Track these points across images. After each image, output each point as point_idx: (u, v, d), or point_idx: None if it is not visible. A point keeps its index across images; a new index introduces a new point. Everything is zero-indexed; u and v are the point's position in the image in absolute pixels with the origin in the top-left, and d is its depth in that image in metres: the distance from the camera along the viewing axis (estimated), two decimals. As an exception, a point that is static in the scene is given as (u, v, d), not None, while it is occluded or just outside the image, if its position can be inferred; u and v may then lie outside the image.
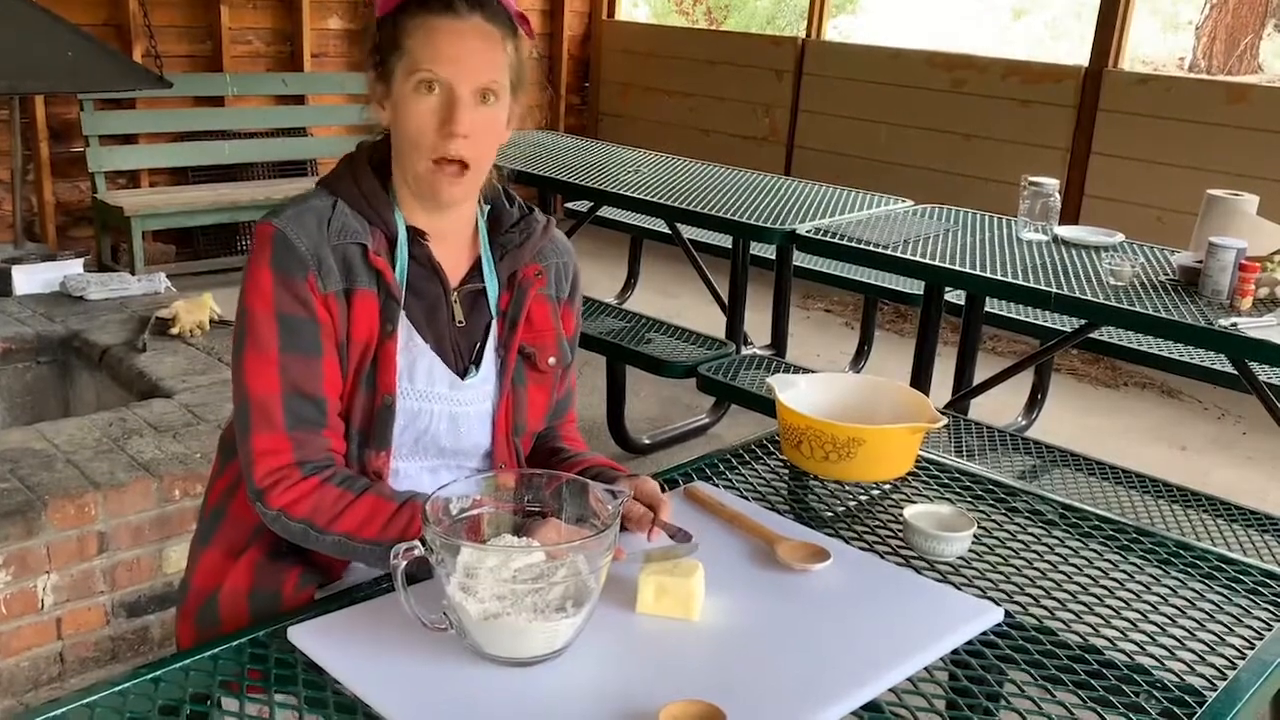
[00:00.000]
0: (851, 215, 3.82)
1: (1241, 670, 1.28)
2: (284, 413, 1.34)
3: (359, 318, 1.37)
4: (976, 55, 5.96)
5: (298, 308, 1.34)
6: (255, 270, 1.36)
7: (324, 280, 1.35)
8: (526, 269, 1.48)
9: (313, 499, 1.34)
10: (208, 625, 1.47)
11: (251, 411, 1.35)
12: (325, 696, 1.14)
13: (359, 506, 1.34)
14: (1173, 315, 2.73)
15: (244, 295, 1.37)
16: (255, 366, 1.35)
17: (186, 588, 1.53)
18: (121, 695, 1.13)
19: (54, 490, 2.40)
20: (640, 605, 1.29)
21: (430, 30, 1.33)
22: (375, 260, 1.38)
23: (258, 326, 1.35)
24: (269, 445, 1.35)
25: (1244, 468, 4.11)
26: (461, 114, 1.33)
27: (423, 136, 1.34)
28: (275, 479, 1.34)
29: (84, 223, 5.53)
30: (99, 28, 5.17)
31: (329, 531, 1.34)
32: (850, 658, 1.23)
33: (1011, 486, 1.77)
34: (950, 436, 3.13)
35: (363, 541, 1.34)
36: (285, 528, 1.36)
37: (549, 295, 1.52)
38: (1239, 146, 4.92)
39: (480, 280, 1.47)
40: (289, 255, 1.34)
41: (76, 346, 3.32)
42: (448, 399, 1.43)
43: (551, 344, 1.52)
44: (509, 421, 1.49)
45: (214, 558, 1.49)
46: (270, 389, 1.34)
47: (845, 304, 5.75)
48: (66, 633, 2.47)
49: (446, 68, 1.32)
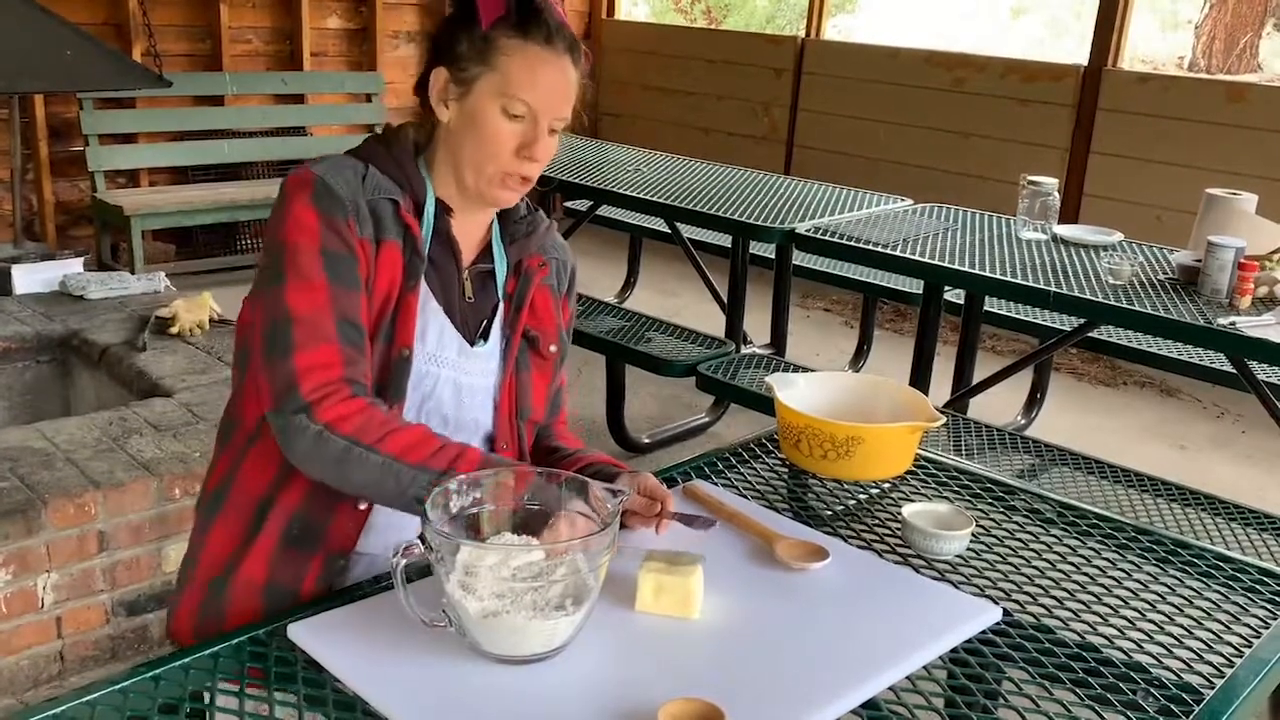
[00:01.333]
0: (851, 214, 3.82)
1: (1239, 668, 1.29)
2: (336, 331, 1.34)
3: (384, 268, 1.40)
4: (976, 54, 5.96)
5: (340, 244, 1.37)
6: (296, 208, 1.37)
7: (360, 225, 1.39)
8: (532, 259, 1.54)
9: (362, 417, 1.32)
10: (211, 615, 1.46)
11: (295, 329, 1.33)
12: (325, 694, 1.14)
13: (407, 432, 1.34)
14: (1172, 314, 2.73)
15: (281, 231, 1.37)
16: (300, 293, 1.34)
17: (187, 578, 1.51)
18: (121, 694, 1.13)
19: (54, 489, 2.40)
20: (639, 603, 1.29)
21: (530, 60, 1.39)
22: (405, 216, 1.42)
23: (300, 258, 1.35)
24: (319, 359, 1.33)
25: (1242, 466, 4.11)
26: (540, 143, 1.41)
27: (500, 154, 1.41)
28: (326, 392, 1.32)
29: (84, 222, 5.53)
30: (98, 27, 5.17)
31: (375, 449, 1.31)
32: (849, 656, 1.23)
33: (1010, 485, 1.77)
34: (949, 435, 3.14)
35: (410, 466, 1.31)
36: (322, 447, 1.31)
37: (551, 286, 1.57)
38: (1238, 146, 4.92)
39: (490, 262, 1.52)
40: (330, 197, 1.38)
41: (76, 345, 3.32)
42: (455, 365, 1.47)
43: (553, 332, 1.57)
44: (512, 402, 1.52)
45: (220, 541, 1.47)
46: (320, 309, 1.34)
47: (845, 303, 5.75)
48: (66, 631, 2.48)
49: (538, 100, 1.39)
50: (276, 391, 1.33)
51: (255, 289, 1.40)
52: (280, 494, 1.43)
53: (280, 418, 1.33)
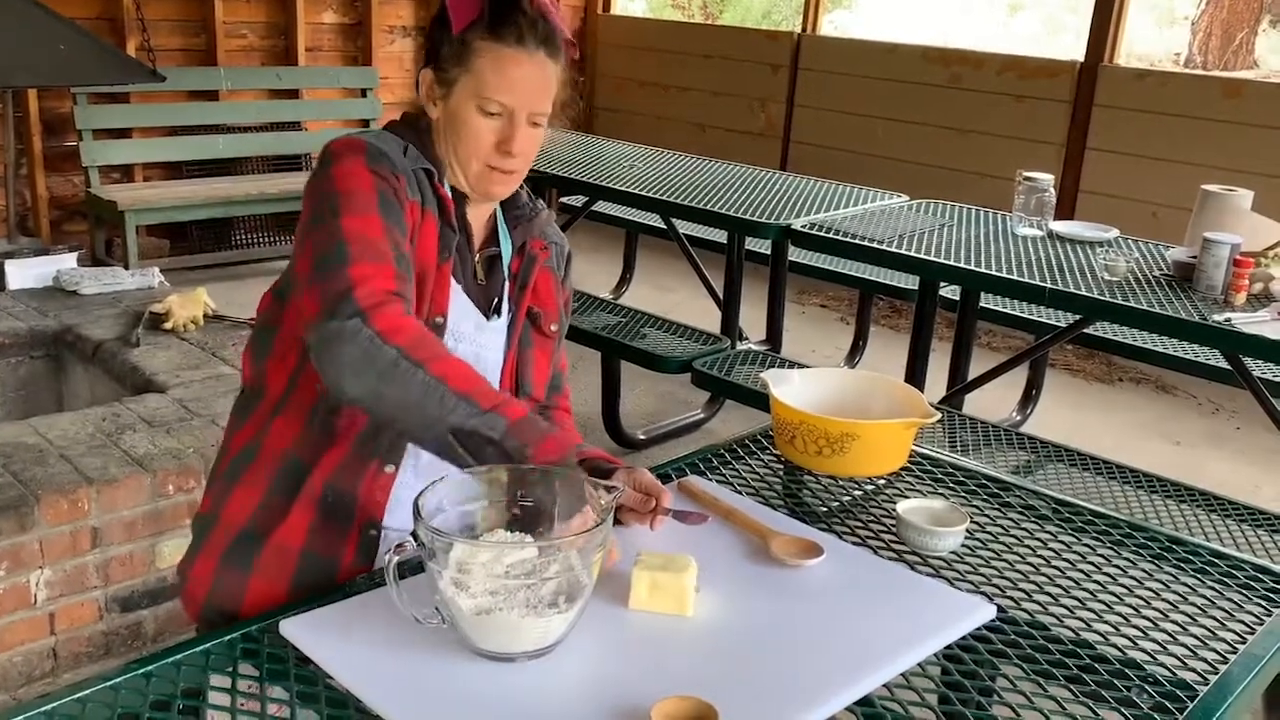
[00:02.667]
0: (847, 210, 3.81)
1: (1233, 665, 1.29)
2: (388, 250, 1.35)
3: (425, 236, 1.45)
4: (972, 50, 5.96)
5: (390, 191, 1.40)
6: (347, 165, 1.39)
7: (410, 188, 1.43)
8: (535, 241, 1.60)
9: (416, 332, 1.32)
10: (239, 568, 1.46)
11: (351, 246, 1.33)
12: (317, 691, 1.14)
13: (459, 362, 1.34)
14: (1167, 310, 2.73)
15: (333, 182, 1.38)
16: (356, 220, 1.35)
17: (213, 523, 1.50)
18: (113, 690, 1.13)
19: (47, 485, 2.40)
20: (633, 601, 1.29)
21: (501, 61, 1.43)
22: (440, 189, 1.47)
23: (355, 197, 1.37)
24: (372, 271, 1.32)
25: (1237, 463, 4.12)
26: (518, 138, 1.46)
27: (480, 149, 1.46)
28: (380, 299, 1.30)
29: (77, 217, 5.51)
30: (92, 21, 5.16)
31: (422, 368, 1.28)
32: (843, 653, 1.23)
33: (1005, 482, 1.77)
34: (944, 432, 3.14)
35: (456, 392, 1.29)
36: (372, 354, 1.27)
37: (552, 268, 1.63)
38: (1234, 142, 4.92)
39: (497, 246, 1.57)
40: (382, 157, 1.41)
41: (70, 341, 3.31)
42: (472, 339, 1.51)
43: (554, 312, 1.63)
44: (514, 377, 1.57)
45: (242, 505, 1.47)
46: (374, 233, 1.35)
47: (841, 299, 5.75)
48: (59, 628, 2.47)
49: (510, 97, 1.44)
50: (328, 300, 1.30)
51: (301, 238, 1.38)
52: (312, 459, 1.44)
53: (331, 323, 1.28)
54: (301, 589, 1.42)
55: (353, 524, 1.46)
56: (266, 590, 1.44)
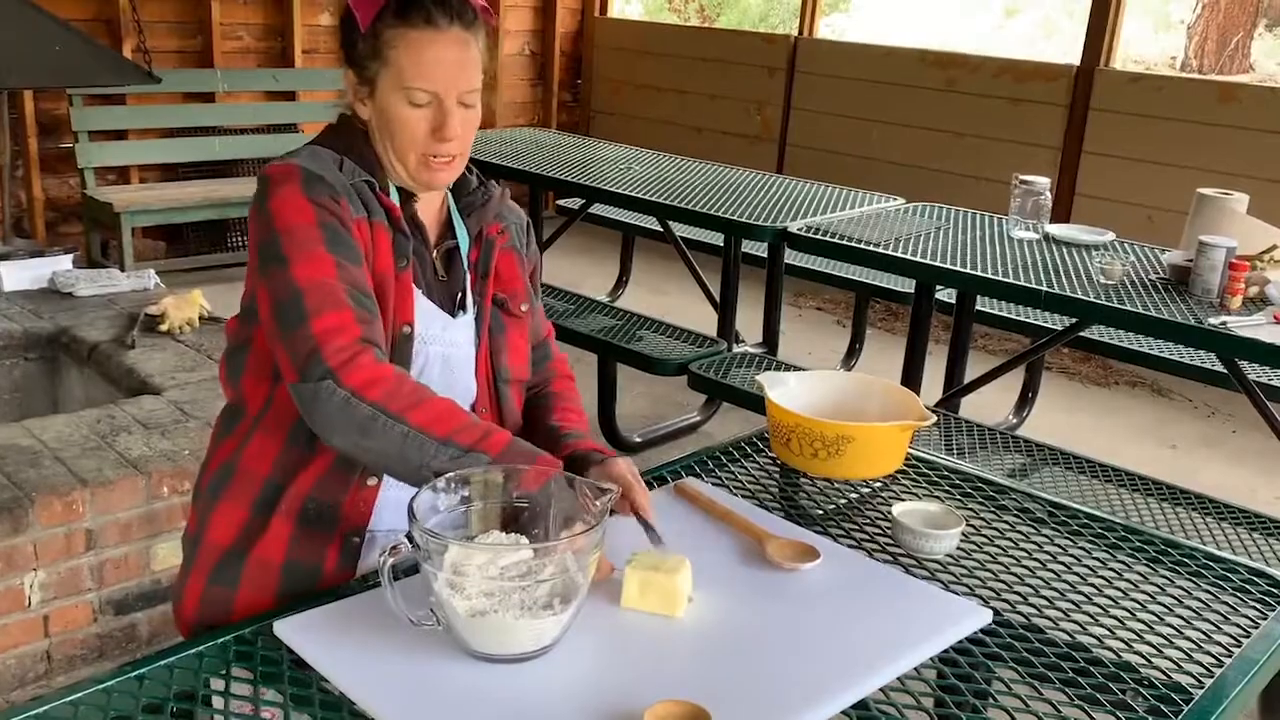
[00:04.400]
0: (843, 213, 3.82)
1: (1228, 668, 1.29)
2: (347, 296, 1.33)
3: (380, 248, 1.42)
4: (968, 54, 5.96)
5: (334, 219, 1.37)
6: (285, 196, 1.37)
7: (354, 206, 1.40)
8: (491, 226, 1.56)
9: (389, 385, 1.30)
10: (225, 584, 1.45)
11: (307, 299, 1.31)
12: (311, 694, 1.13)
13: (435, 403, 1.33)
14: (1163, 314, 2.73)
15: (273, 220, 1.36)
16: (304, 266, 1.33)
17: (198, 542, 1.49)
18: (106, 693, 1.12)
19: (41, 487, 2.39)
20: (625, 600, 1.29)
21: (413, 45, 1.39)
22: (383, 198, 1.44)
23: (299, 235, 1.34)
24: (334, 323, 1.31)
25: (1233, 466, 4.12)
26: (451, 122, 1.41)
27: (414, 141, 1.42)
28: (348, 355, 1.29)
29: (73, 219, 5.50)
30: (88, 23, 5.14)
31: (402, 419, 1.29)
32: (839, 657, 1.23)
33: (1001, 484, 1.77)
34: (940, 434, 3.14)
35: (437, 438, 1.30)
36: (349, 413, 1.29)
37: (513, 248, 1.60)
38: (1230, 146, 4.93)
39: (453, 238, 1.54)
40: (318, 182, 1.38)
41: (65, 343, 3.30)
42: (440, 340, 1.48)
43: (521, 292, 1.60)
44: (489, 366, 1.55)
45: (227, 522, 1.47)
46: (328, 279, 1.33)
47: (837, 302, 5.75)
48: (53, 630, 2.46)
49: (433, 82, 1.39)
50: (298, 361, 1.31)
51: (251, 282, 1.39)
52: (291, 475, 1.43)
53: (305, 386, 1.30)
54: (287, 597, 1.42)
55: (335, 532, 1.45)
56: (253, 602, 1.43)
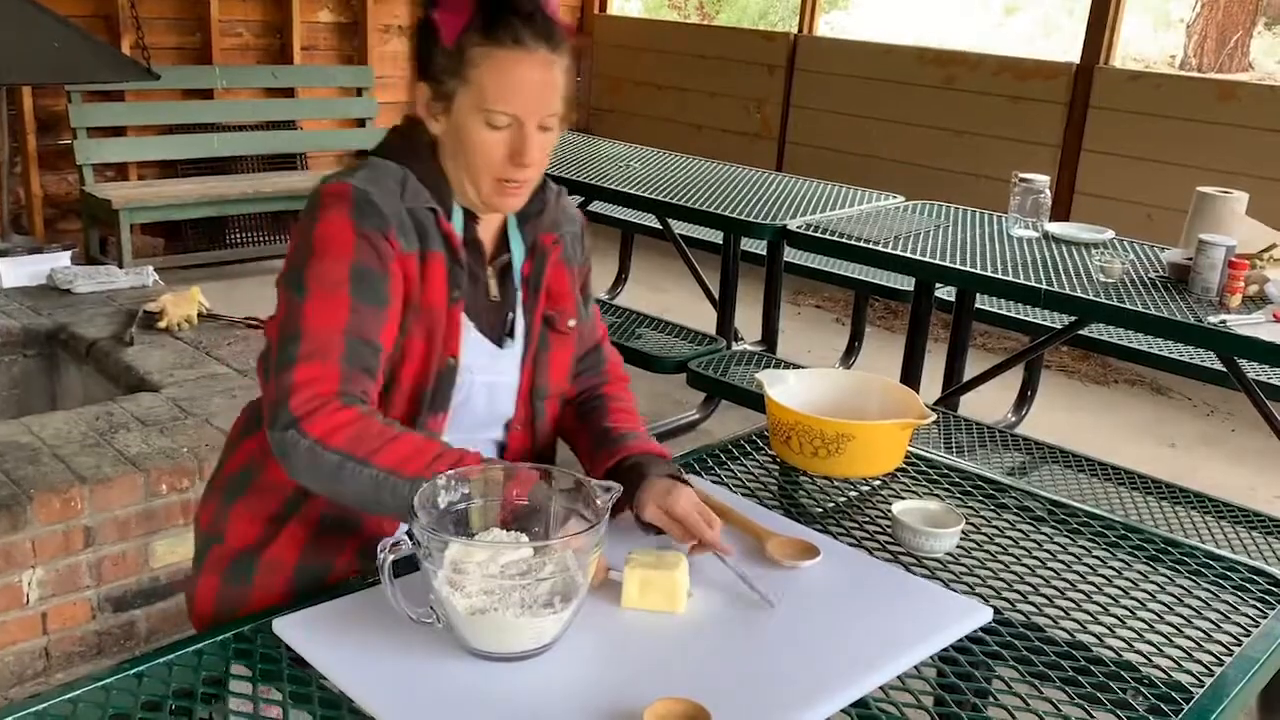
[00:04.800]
0: (843, 211, 3.81)
1: (1228, 666, 1.29)
2: (343, 350, 1.31)
3: (431, 281, 1.38)
4: (968, 51, 5.96)
5: (374, 261, 1.34)
6: (331, 220, 1.34)
7: (404, 238, 1.36)
8: (545, 236, 1.51)
9: (354, 429, 1.29)
10: (237, 583, 1.46)
11: (302, 344, 1.30)
12: (310, 691, 1.13)
13: (402, 442, 1.30)
14: (1162, 312, 2.73)
15: (313, 242, 1.34)
16: (320, 306, 1.31)
17: (213, 540, 1.49)
18: (104, 690, 1.12)
19: (40, 484, 2.39)
20: (625, 600, 1.28)
21: (499, 66, 1.33)
22: (445, 225, 1.40)
23: (329, 272, 1.32)
24: (315, 374, 1.30)
25: (1232, 464, 4.12)
26: (530, 147, 1.36)
27: (490, 166, 1.37)
28: (314, 406, 1.28)
29: (72, 215, 5.49)
30: (87, 19, 5.13)
31: (369, 463, 1.27)
32: (838, 655, 1.23)
33: (1000, 483, 1.77)
34: (940, 433, 3.14)
35: (407, 478, 1.27)
36: (316, 462, 1.28)
37: (566, 260, 1.54)
38: (1229, 144, 4.93)
39: (508, 252, 1.49)
40: (370, 210, 1.34)
41: (63, 340, 3.30)
42: (488, 370, 1.46)
43: (571, 308, 1.55)
44: (529, 384, 1.51)
45: (244, 523, 1.46)
46: (334, 327, 1.31)
47: (836, 300, 5.75)
48: (52, 627, 2.46)
49: (516, 105, 1.34)
50: (270, 407, 1.31)
51: (279, 295, 1.37)
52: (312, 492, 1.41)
53: (273, 434, 1.30)
54: (299, 594, 1.42)
55: (352, 537, 1.44)
56: (266, 600, 1.42)
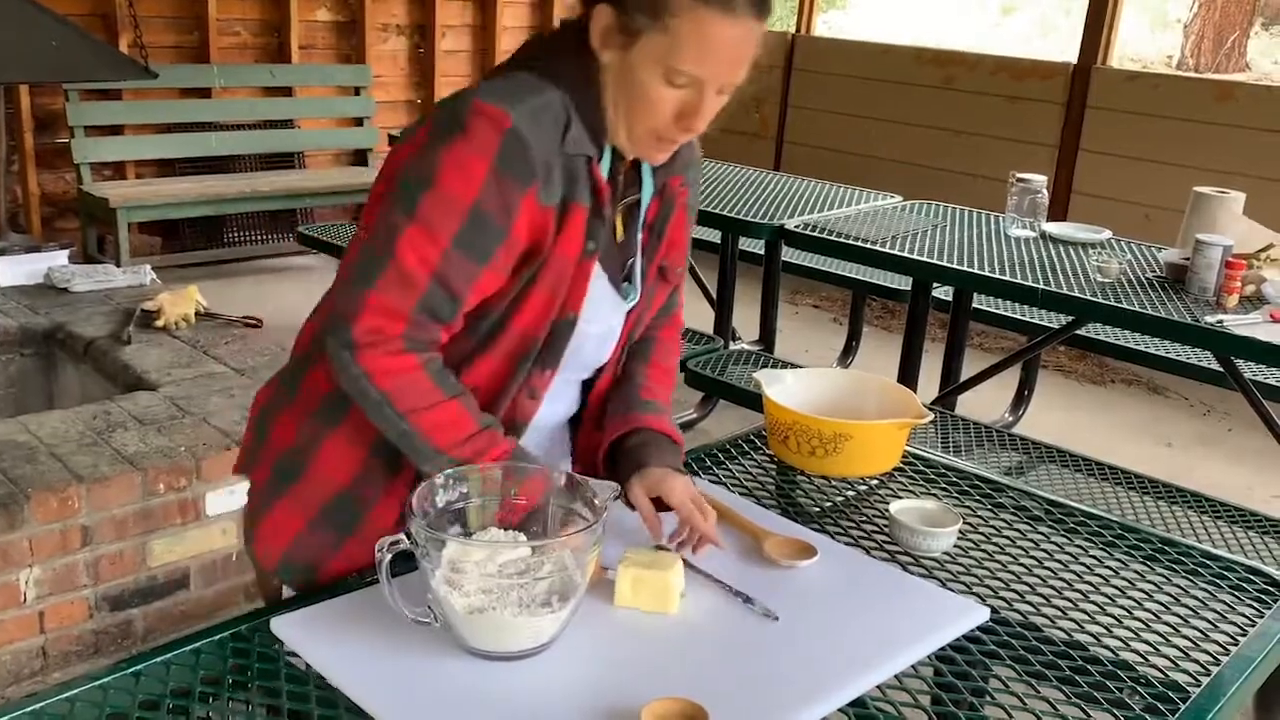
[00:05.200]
0: (840, 210, 3.82)
1: (1225, 666, 1.29)
2: (421, 294, 1.24)
3: (569, 232, 1.29)
4: (966, 51, 5.97)
5: (498, 215, 1.24)
6: (470, 155, 1.22)
7: (546, 192, 1.26)
8: (675, 180, 1.43)
9: (404, 379, 1.26)
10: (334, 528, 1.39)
11: (388, 269, 1.24)
12: (308, 691, 1.13)
13: (444, 409, 1.28)
14: (1159, 312, 2.73)
15: (439, 167, 1.23)
16: (416, 240, 1.23)
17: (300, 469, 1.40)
18: (101, 689, 1.12)
19: (37, 483, 2.39)
20: (618, 598, 1.28)
21: (703, 26, 1.22)
22: (598, 175, 1.30)
23: (440, 208, 1.23)
24: (388, 305, 1.24)
25: (1229, 465, 4.13)
26: (704, 112, 1.28)
27: (657, 121, 1.27)
28: (374, 340, 1.25)
29: (69, 214, 5.49)
30: (84, 17, 5.13)
31: (404, 419, 1.27)
32: (835, 655, 1.23)
33: (997, 482, 1.77)
34: (937, 432, 3.14)
35: (432, 448, 1.28)
36: (362, 390, 1.27)
37: (689, 207, 1.49)
38: (1226, 144, 4.93)
39: (636, 191, 1.40)
40: (519, 160, 1.22)
41: (61, 339, 3.30)
42: (605, 319, 1.40)
43: (682, 255, 1.50)
44: (628, 333, 1.46)
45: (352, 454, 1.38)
46: (421, 269, 1.23)
47: (834, 300, 5.75)
48: (49, 626, 2.46)
49: (706, 71, 1.24)
50: (335, 313, 1.27)
51: (383, 199, 1.27)
52: None
53: (329, 340, 1.27)
54: None
55: None
56: (360, 555, 1.37)
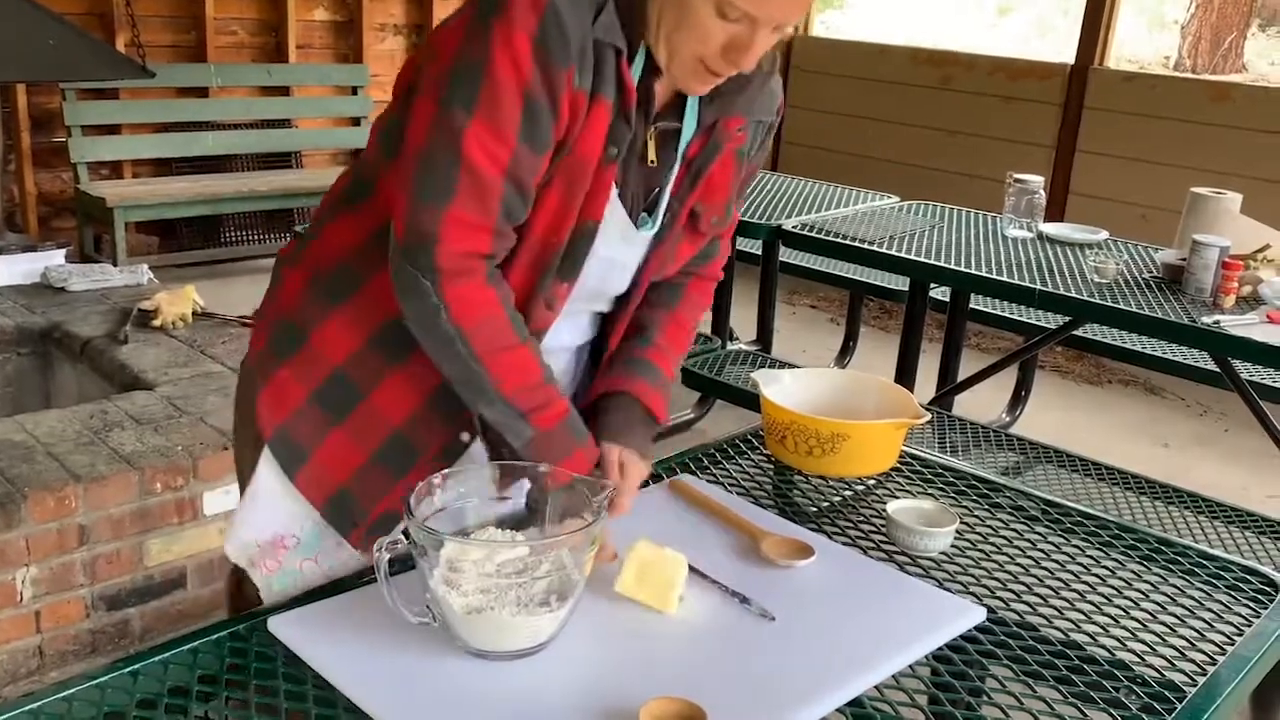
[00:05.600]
0: (837, 211, 3.82)
1: (1221, 666, 1.29)
2: (501, 200, 1.19)
3: (592, 128, 1.22)
4: (963, 52, 5.98)
5: (545, 96, 1.18)
6: (510, 30, 1.15)
7: (580, 74, 1.19)
8: (731, 121, 1.33)
9: (486, 315, 1.22)
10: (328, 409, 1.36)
11: (461, 176, 1.18)
12: (305, 690, 1.13)
13: (518, 353, 1.25)
14: (1156, 313, 2.74)
15: (489, 49, 1.16)
16: (484, 140, 1.17)
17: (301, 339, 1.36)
18: (99, 689, 1.12)
19: (34, 482, 2.39)
20: (620, 584, 1.28)
21: None
22: (626, 73, 1.22)
23: (500, 98, 1.16)
24: (472, 221, 1.19)
25: (1225, 465, 4.13)
26: (754, 51, 1.20)
27: (705, 51, 1.20)
28: (462, 265, 1.20)
29: (66, 213, 5.48)
30: (82, 16, 5.12)
31: (475, 358, 1.23)
32: (832, 655, 1.23)
33: (994, 482, 1.77)
34: (934, 432, 3.14)
35: (498, 392, 1.25)
36: (433, 324, 1.22)
37: (740, 154, 1.38)
38: (1223, 145, 4.94)
39: (677, 118, 1.32)
40: (559, 37, 1.16)
41: (57, 338, 3.29)
42: (614, 246, 1.33)
43: (721, 205, 1.40)
44: (648, 270, 1.40)
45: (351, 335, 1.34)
46: (495, 171, 1.18)
47: (831, 300, 5.75)
48: (45, 626, 2.46)
49: (762, 10, 1.17)
50: (411, 236, 1.20)
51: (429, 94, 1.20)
52: None
53: (407, 269, 1.21)
54: (377, 466, 1.36)
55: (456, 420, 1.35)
56: (345, 448, 1.36)
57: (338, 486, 1.39)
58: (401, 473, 1.36)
